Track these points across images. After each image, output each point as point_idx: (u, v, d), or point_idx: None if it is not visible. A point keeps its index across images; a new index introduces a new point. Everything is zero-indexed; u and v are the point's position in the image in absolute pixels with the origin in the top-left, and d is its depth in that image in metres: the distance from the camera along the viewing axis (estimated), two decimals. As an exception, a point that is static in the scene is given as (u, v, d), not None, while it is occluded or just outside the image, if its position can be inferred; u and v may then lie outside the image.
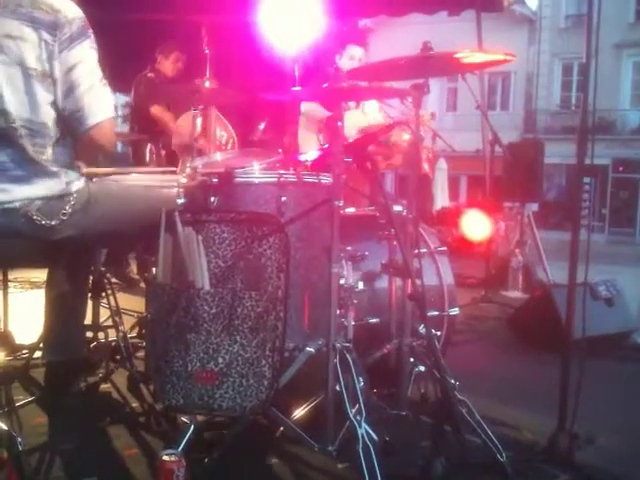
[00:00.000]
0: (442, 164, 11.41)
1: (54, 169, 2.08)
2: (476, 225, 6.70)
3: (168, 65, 5.12)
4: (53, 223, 2.06)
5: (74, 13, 2.06)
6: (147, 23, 5.56)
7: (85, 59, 2.06)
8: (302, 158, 2.47)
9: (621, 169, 23.23)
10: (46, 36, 2.01)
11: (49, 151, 2.08)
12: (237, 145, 3.97)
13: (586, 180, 20.51)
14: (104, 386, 2.56)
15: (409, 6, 6.07)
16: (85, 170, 2.37)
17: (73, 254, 2.31)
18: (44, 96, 2.04)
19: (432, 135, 4.35)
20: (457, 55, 2.17)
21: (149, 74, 5.06)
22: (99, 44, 2.12)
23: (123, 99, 6.64)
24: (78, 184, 2.13)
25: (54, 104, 2.06)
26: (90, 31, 2.08)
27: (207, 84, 3.20)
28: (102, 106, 2.09)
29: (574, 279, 2.24)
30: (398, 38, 12.18)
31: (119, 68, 5.20)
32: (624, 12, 22.24)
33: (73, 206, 2.09)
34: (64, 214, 2.07)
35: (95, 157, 2.64)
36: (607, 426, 2.44)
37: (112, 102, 2.14)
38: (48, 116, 2.06)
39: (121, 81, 5.19)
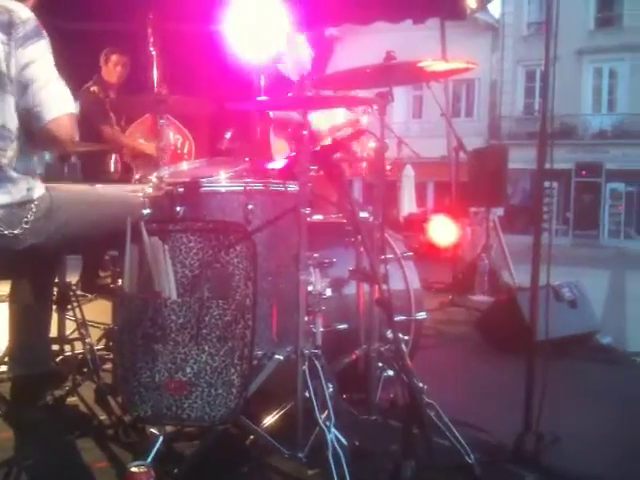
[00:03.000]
0: (409, 171, 11.51)
1: (15, 175, 2.04)
2: (443, 230, 6.77)
3: (109, 71, 5.02)
4: (16, 232, 2.02)
5: (27, 14, 2.03)
6: (100, 32, 5.51)
7: (40, 57, 2.02)
8: (269, 166, 2.49)
9: (584, 173, 23.67)
10: (1, 36, 1.98)
11: (10, 155, 2.04)
12: (194, 148, 3.93)
13: (551, 185, 20.87)
14: (71, 399, 2.52)
15: (374, 15, 6.13)
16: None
17: (37, 265, 2.28)
18: (5, 98, 2.00)
19: (397, 142, 4.40)
20: (420, 64, 2.20)
21: (92, 87, 4.95)
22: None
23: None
24: (39, 191, 2.09)
25: (15, 105, 2.02)
26: (44, 33, 2.05)
27: (155, 90, 3.15)
28: (60, 101, 2.03)
29: (537, 282, 2.28)
30: (365, 46, 12.26)
31: (78, 77, 5.15)
32: (584, 20, 22.77)
33: (35, 214, 2.05)
34: (26, 222, 2.04)
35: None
36: (573, 426, 2.49)
37: (71, 99, 2.08)
38: (9, 118, 2.02)
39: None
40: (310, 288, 2.18)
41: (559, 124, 20.65)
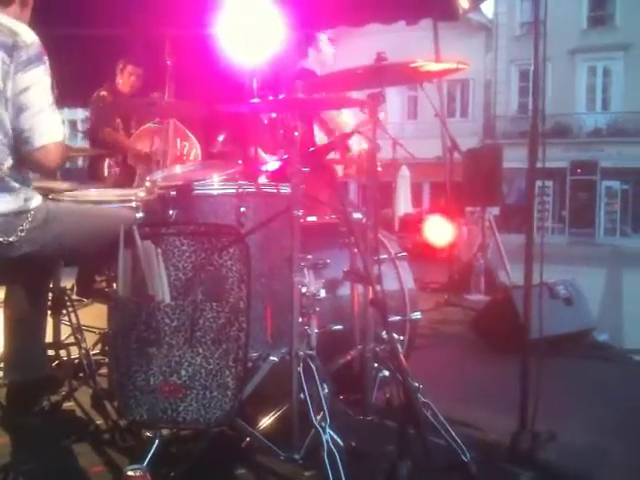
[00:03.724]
0: (404, 171, 11.51)
1: (16, 185, 2.09)
2: (439, 230, 6.77)
3: (123, 80, 5.08)
4: (11, 239, 2.06)
5: (32, 38, 2.09)
6: (107, 38, 5.54)
7: (38, 83, 2.07)
8: (262, 168, 2.49)
9: (579, 171, 23.72)
10: (3, 56, 2.03)
11: (5, 167, 2.08)
12: (200, 154, 3.96)
13: (546, 184, 20.92)
14: (67, 404, 2.52)
15: (368, 17, 6.16)
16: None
17: (32, 271, 2.29)
18: (1, 113, 2.04)
19: (392, 143, 4.40)
20: (412, 65, 2.21)
21: (102, 92, 5.00)
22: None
23: (83, 114, 6.64)
24: (36, 201, 2.14)
25: (9, 122, 2.07)
26: (45, 57, 2.10)
27: (166, 97, 3.17)
28: (50, 129, 2.09)
29: (530, 280, 2.28)
30: (359, 48, 12.28)
31: (81, 83, 5.20)
32: (577, 19, 22.86)
33: (31, 222, 2.09)
34: (22, 230, 2.07)
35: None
36: (568, 423, 2.49)
37: (61, 127, 2.14)
38: (6, 132, 2.07)
39: (83, 96, 5.17)
40: (304, 289, 2.18)
41: (554, 123, 20.72)
